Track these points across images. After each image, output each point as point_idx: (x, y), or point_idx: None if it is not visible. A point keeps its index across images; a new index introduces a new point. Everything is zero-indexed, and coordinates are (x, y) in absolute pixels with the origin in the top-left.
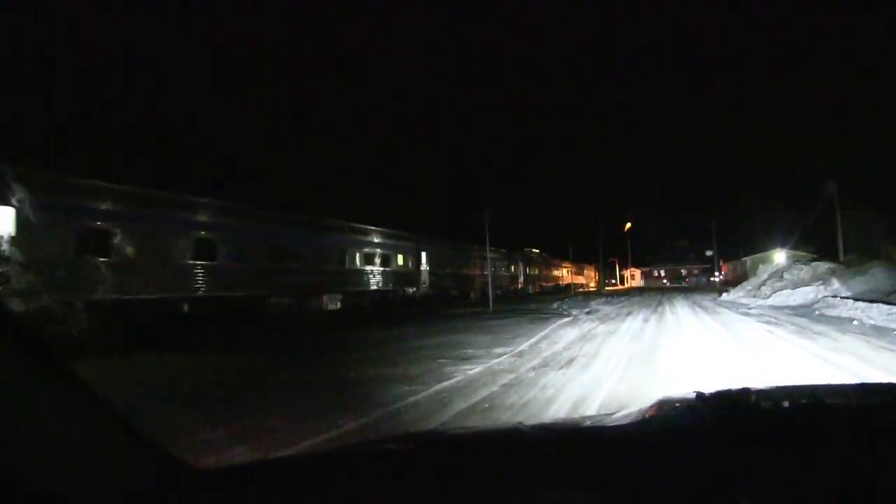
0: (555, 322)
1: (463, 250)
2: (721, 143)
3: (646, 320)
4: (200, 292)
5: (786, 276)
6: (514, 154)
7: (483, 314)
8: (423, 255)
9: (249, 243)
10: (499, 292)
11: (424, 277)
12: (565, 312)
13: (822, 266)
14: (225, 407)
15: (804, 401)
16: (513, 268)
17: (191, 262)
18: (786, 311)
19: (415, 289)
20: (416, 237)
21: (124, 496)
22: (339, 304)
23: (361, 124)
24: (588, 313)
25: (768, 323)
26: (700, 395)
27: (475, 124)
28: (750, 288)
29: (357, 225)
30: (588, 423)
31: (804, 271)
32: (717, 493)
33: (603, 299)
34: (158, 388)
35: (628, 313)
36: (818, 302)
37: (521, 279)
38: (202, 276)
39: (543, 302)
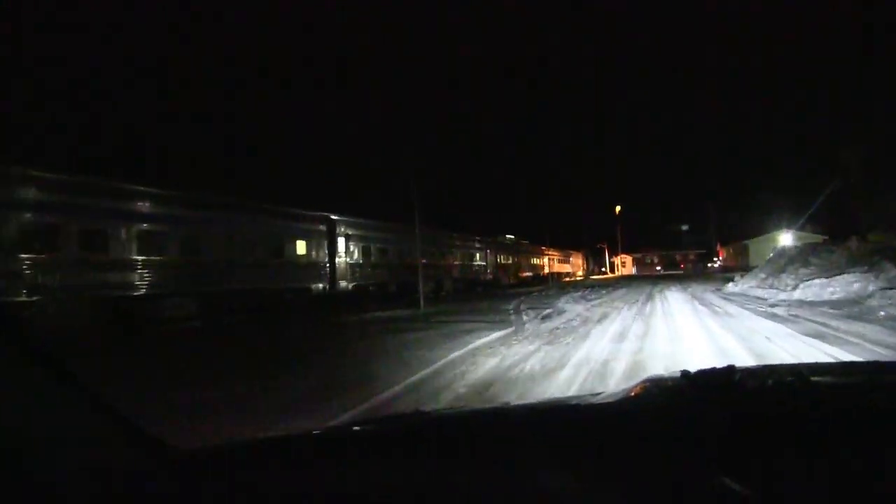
0: (476, 341)
1: (411, 235)
2: (719, 119)
3: (622, 336)
4: None
5: (812, 259)
6: (494, 131)
7: (395, 321)
8: (342, 241)
9: None
10: (447, 287)
11: (344, 270)
12: (513, 317)
13: (864, 247)
14: None
15: (789, 380)
16: (478, 255)
17: None
18: (826, 309)
19: (326, 285)
20: (329, 218)
21: (110, 479)
22: (192, 310)
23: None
24: (544, 318)
25: (822, 338)
26: (686, 375)
27: (460, 103)
28: (764, 276)
29: (219, 199)
30: (574, 402)
31: (837, 254)
32: (702, 473)
33: (580, 293)
34: None
35: (601, 318)
36: (871, 296)
37: (490, 269)
38: None
39: (504, 298)
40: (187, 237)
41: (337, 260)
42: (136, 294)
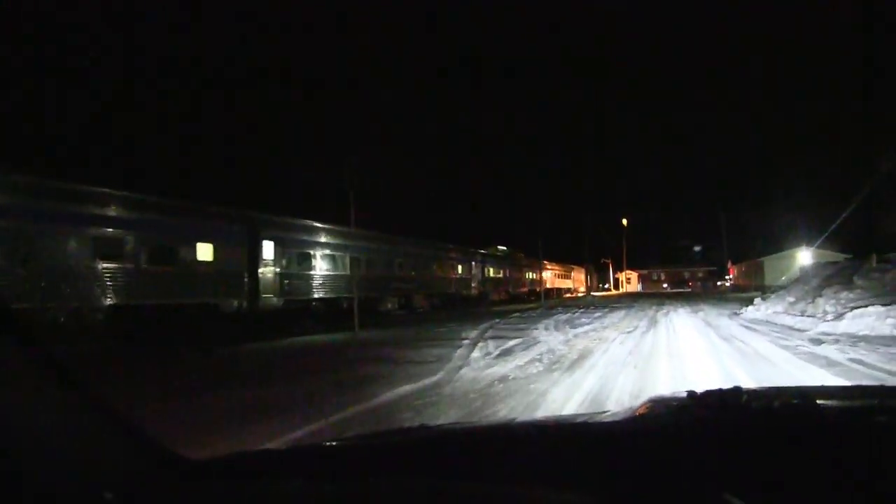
0: (338, 413)
1: (376, 242)
2: (731, 130)
3: (597, 404)
4: None
5: (858, 280)
6: (494, 139)
7: (297, 353)
8: (269, 245)
9: None
10: (419, 304)
11: (272, 282)
12: (458, 353)
13: None
14: None
15: (795, 401)
16: (461, 268)
17: None
18: None
19: (243, 301)
20: (250, 217)
21: (117, 488)
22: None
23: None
24: (499, 356)
25: None
26: (691, 395)
27: (460, 113)
28: (793, 299)
29: (64, 185)
30: (580, 420)
31: (891, 274)
32: (708, 492)
33: (569, 314)
34: None
35: (579, 359)
36: None
37: (476, 284)
38: None
39: (477, 320)
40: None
41: (262, 269)
42: None
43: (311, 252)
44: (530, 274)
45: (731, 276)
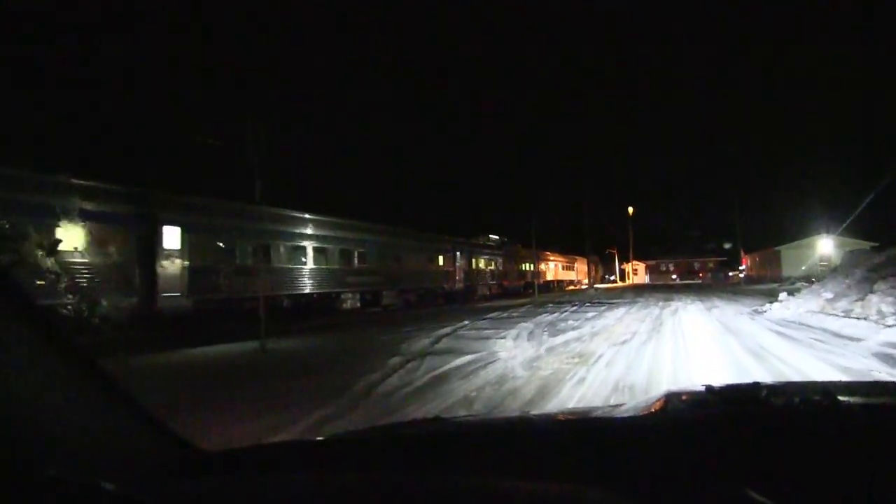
0: None
1: (330, 230)
2: (742, 111)
3: None
4: None
5: None
6: (495, 123)
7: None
8: (174, 232)
9: None
10: (389, 300)
11: (177, 277)
12: (363, 384)
13: None
14: None
15: (816, 397)
16: (443, 259)
17: None
18: None
19: (133, 300)
20: (146, 195)
21: (135, 477)
22: None
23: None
24: (418, 393)
25: None
26: (709, 389)
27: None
28: (831, 295)
29: None
30: (596, 414)
31: None
32: (727, 486)
33: (558, 314)
34: None
35: (527, 404)
36: None
37: (461, 277)
38: None
39: (445, 321)
40: None
41: (163, 262)
42: None
43: (235, 240)
44: (529, 265)
45: (744, 267)
